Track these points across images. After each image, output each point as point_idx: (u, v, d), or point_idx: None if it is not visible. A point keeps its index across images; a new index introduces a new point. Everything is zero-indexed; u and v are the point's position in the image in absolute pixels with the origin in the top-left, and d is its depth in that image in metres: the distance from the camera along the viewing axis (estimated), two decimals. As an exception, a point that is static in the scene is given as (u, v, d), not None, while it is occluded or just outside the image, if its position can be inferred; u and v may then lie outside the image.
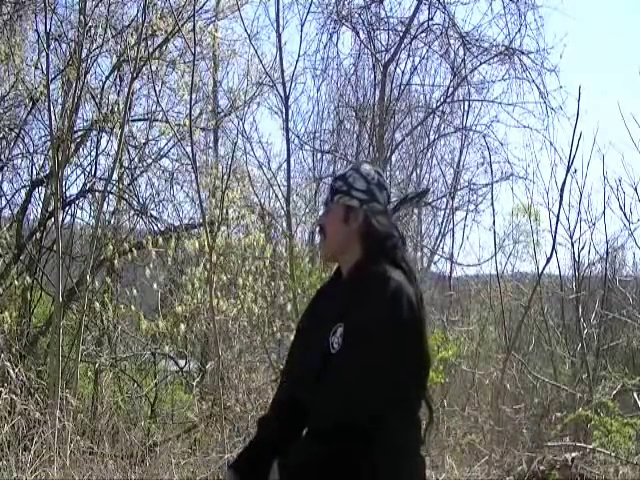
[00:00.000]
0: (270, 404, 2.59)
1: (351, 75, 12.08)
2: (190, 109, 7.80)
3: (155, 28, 8.74)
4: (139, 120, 9.89)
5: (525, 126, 10.81)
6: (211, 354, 9.63)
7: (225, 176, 7.66)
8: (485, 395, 9.02)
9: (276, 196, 9.26)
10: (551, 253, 7.83)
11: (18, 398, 6.54)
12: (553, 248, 7.77)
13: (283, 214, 8.79)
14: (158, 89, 8.96)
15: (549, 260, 8.01)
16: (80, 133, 9.49)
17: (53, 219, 8.39)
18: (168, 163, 9.94)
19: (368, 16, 11.32)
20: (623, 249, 11.49)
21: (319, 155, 12.55)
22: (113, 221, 9.66)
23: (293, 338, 2.62)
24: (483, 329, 9.92)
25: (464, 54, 11.16)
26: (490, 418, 7.87)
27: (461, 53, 11.24)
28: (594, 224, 9.61)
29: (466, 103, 12.08)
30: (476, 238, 22.77)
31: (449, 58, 11.50)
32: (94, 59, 9.08)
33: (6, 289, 8.87)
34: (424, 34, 11.34)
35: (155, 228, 9.45)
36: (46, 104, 8.31)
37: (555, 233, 7.81)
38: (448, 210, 12.93)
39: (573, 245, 9.77)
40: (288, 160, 8.21)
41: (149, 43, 8.81)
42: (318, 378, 2.25)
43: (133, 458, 7.10)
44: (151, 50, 8.69)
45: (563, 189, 7.68)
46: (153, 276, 8.74)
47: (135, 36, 8.45)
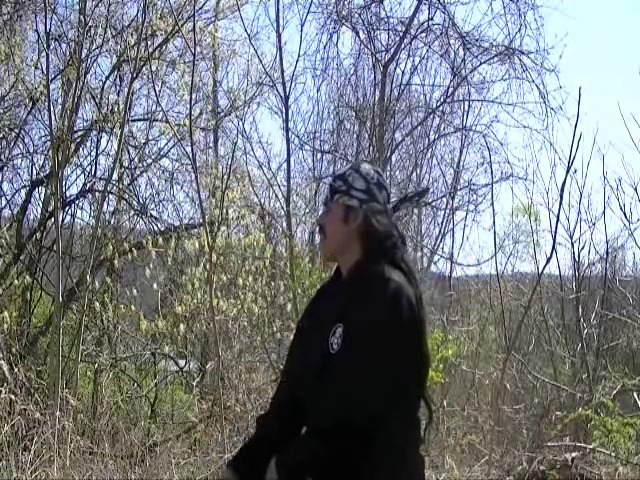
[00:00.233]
0: (269, 403, 2.59)
1: (351, 75, 12.09)
2: (190, 109, 7.80)
3: (155, 28, 8.74)
4: (139, 120, 9.89)
5: (525, 126, 10.83)
6: (211, 354, 9.62)
7: (225, 176, 7.66)
8: (485, 395, 9.02)
9: (276, 196, 9.27)
10: (551, 253, 7.83)
11: (18, 398, 6.53)
12: (553, 248, 7.77)
13: (283, 214, 8.79)
14: (158, 89, 8.95)
15: (549, 260, 8.01)
16: (80, 133, 9.49)
17: (53, 219, 8.39)
18: (168, 163, 9.94)
19: (368, 16, 11.32)
20: (623, 249, 11.52)
21: (319, 155, 12.56)
22: (113, 221, 9.66)
23: (293, 338, 2.62)
24: (483, 329, 9.93)
25: (464, 54, 11.17)
26: (490, 418, 7.87)
27: (461, 53, 11.25)
28: (594, 224, 9.63)
29: (466, 103, 12.09)
30: (476, 238, 22.78)
31: (449, 58, 11.51)
32: (94, 59, 9.09)
33: (6, 289, 8.87)
34: (424, 34, 11.34)
35: (155, 228, 9.45)
36: (46, 104, 8.30)
37: (555, 233, 7.81)
38: (448, 210, 12.94)
39: (573, 245, 9.79)
40: (288, 160, 8.22)
41: (149, 43, 8.80)
42: (318, 378, 2.25)
43: (133, 458, 7.09)
44: (151, 50, 8.68)
45: (563, 189, 7.68)
46: (153, 276, 8.74)
47: (135, 36, 8.45)
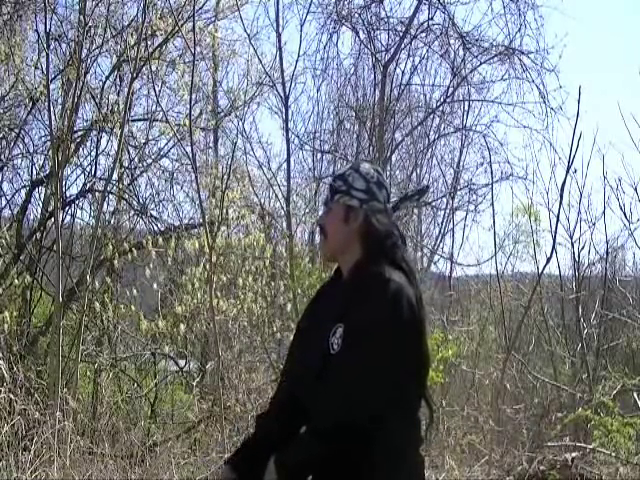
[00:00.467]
0: (269, 403, 2.59)
1: (351, 75, 12.10)
2: (190, 109, 7.80)
3: (155, 28, 8.73)
4: (139, 120, 9.89)
5: (525, 126, 10.84)
6: (211, 354, 9.62)
7: (225, 176, 7.65)
8: (485, 395, 9.01)
9: (276, 196, 9.28)
10: (551, 253, 7.84)
11: (18, 398, 6.53)
12: (553, 248, 7.79)
13: (283, 214, 8.80)
14: (158, 89, 8.95)
15: (549, 260, 8.03)
16: (80, 133, 9.48)
17: (53, 219, 8.38)
18: (168, 163, 9.94)
19: (368, 16, 11.33)
20: (623, 249, 11.52)
21: (319, 155, 12.56)
22: (113, 221, 9.66)
23: (293, 338, 2.61)
24: (483, 329, 9.93)
25: (464, 54, 11.18)
26: (490, 418, 7.87)
27: (461, 53, 11.27)
28: (594, 224, 9.64)
29: (466, 103, 12.09)
30: (476, 238, 22.79)
31: (449, 58, 11.51)
32: (94, 59, 9.09)
33: (6, 289, 8.87)
34: (424, 34, 11.35)
35: (155, 228, 9.45)
36: (46, 104, 8.29)
37: (555, 233, 7.83)
38: (448, 210, 12.94)
39: (573, 245, 9.80)
40: (288, 160, 8.22)
41: (149, 43, 8.79)
42: (318, 378, 2.26)
43: (133, 458, 7.09)
44: (151, 50, 8.68)
45: (563, 189, 7.70)
46: (153, 276, 8.73)
47: (135, 36, 8.44)
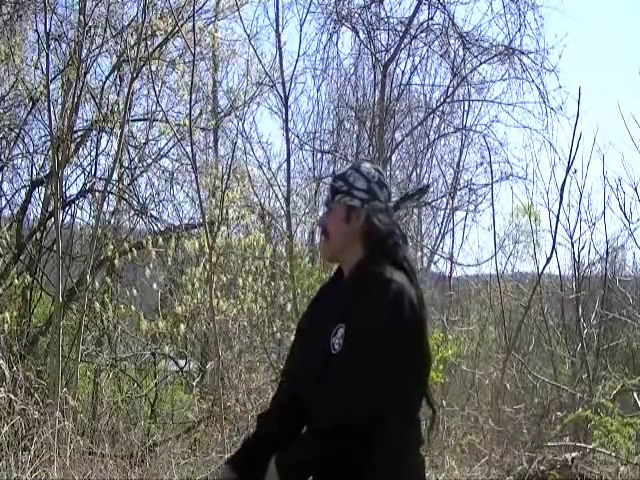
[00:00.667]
0: (270, 403, 2.59)
1: (351, 75, 12.11)
2: (190, 109, 7.79)
3: (155, 28, 8.73)
4: (139, 120, 9.89)
5: (525, 126, 10.85)
6: (211, 354, 9.62)
7: (225, 176, 7.65)
8: (485, 395, 9.01)
9: (276, 196, 9.27)
10: (551, 253, 7.83)
11: (18, 398, 6.52)
12: (553, 248, 7.78)
13: (283, 214, 8.79)
14: (158, 89, 8.95)
15: (549, 260, 8.02)
16: (80, 133, 9.48)
17: (53, 219, 8.38)
18: (168, 163, 9.95)
19: (368, 16, 11.33)
20: (623, 249, 11.52)
21: (319, 155, 12.56)
22: (113, 221, 9.66)
23: (293, 338, 2.61)
24: (483, 329, 9.94)
25: (464, 54, 11.18)
26: (490, 418, 7.86)
27: (461, 53, 11.27)
28: (594, 224, 9.64)
29: (466, 103, 12.10)
30: (476, 238, 22.77)
31: (449, 58, 11.52)
32: (94, 59, 9.09)
33: (6, 289, 8.87)
34: (424, 34, 11.35)
35: (155, 228, 9.45)
36: (46, 104, 8.29)
37: (555, 233, 7.81)
38: (448, 210, 12.95)
39: (573, 245, 9.80)
40: (288, 160, 8.21)
41: (149, 43, 8.79)
42: (319, 378, 2.25)
43: (133, 458, 7.09)
44: (151, 50, 8.67)
45: (563, 189, 7.68)
46: (153, 276, 8.73)
47: (135, 36, 8.45)
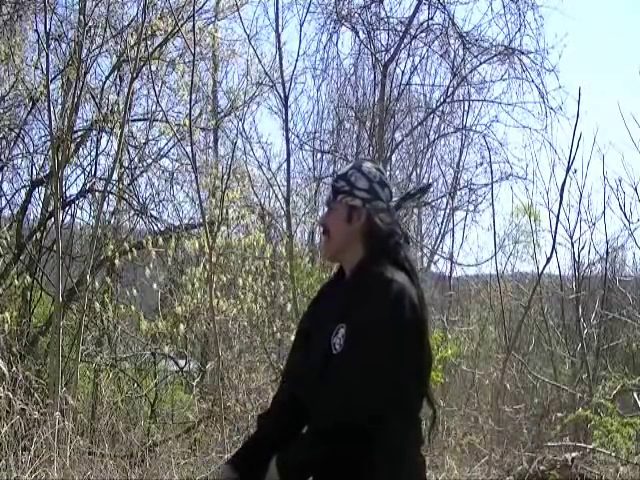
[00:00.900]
0: (270, 403, 2.59)
1: (351, 75, 12.11)
2: (190, 109, 7.79)
3: (155, 28, 8.73)
4: (139, 120, 9.89)
5: (525, 126, 10.84)
6: (211, 354, 9.62)
7: (225, 176, 7.65)
8: (485, 395, 9.02)
9: (276, 196, 9.27)
10: (551, 253, 7.83)
11: (17, 398, 6.52)
12: (553, 248, 7.78)
13: (283, 214, 8.79)
14: (158, 89, 8.95)
15: (549, 260, 8.02)
16: (80, 133, 9.48)
17: (53, 219, 8.38)
18: (168, 163, 9.95)
19: (368, 16, 11.31)
20: (623, 249, 11.53)
21: (319, 155, 12.57)
22: (113, 221, 9.66)
23: (294, 338, 2.61)
24: (483, 329, 9.94)
25: (464, 54, 11.17)
26: (490, 418, 7.87)
27: (461, 53, 11.25)
28: (594, 224, 9.65)
29: (466, 103, 12.10)
30: (476, 238, 22.77)
31: (449, 58, 11.51)
32: (94, 59, 9.10)
33: (6, 289, 8.87)
34: (424, 34, 11.34)
35: (155, 228, 9.45)
36: (46, 104, 8.29)
37: (555, 233, 7.81)
38: (448, 210, 12.96)
39: (573, 245, 9.81)
40: (288, 160, 8.20)
41: (149, 43, 8.79)
42: (319, 378, 2.25)
43: (133, 458, 7.10)
44: (151, 50, 8.67)
45: (563, 189, 7.68)
46: (153, 276, 8.74)
47: (135, 36, 8.44)
